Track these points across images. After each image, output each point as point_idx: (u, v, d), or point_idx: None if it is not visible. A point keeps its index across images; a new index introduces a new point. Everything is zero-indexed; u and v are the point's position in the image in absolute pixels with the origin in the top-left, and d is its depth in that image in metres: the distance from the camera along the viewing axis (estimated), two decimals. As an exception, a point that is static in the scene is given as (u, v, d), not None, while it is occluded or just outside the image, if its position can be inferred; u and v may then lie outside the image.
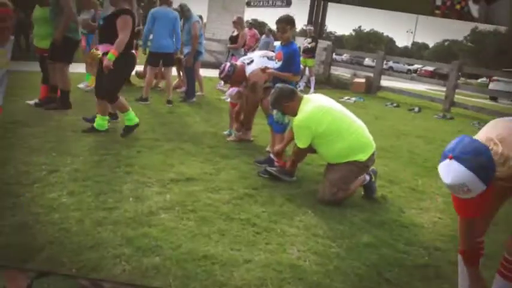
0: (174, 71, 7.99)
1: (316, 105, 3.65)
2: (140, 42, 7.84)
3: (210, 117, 6.39)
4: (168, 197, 3.20)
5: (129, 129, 4.80)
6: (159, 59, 7.01)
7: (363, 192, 3.80)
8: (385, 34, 51.33)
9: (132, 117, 4.82)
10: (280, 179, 3.86)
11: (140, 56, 7.09)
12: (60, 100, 5.84)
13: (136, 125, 4.84)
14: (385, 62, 14.61)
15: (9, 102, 5.84)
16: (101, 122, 4.84)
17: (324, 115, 3.60)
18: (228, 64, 4.71)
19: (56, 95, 5.89)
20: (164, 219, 2.84)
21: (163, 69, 7.40)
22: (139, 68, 7.04)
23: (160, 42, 6.86)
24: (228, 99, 7.63)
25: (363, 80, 13.03)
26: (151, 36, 7.02)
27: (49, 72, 5.89)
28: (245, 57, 4.84)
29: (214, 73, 11.41)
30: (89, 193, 3.11)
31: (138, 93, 7.19)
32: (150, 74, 7.13)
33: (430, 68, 28.10)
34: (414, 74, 27.20)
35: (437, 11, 3.56)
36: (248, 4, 18.06)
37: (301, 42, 11.53)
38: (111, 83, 4.67)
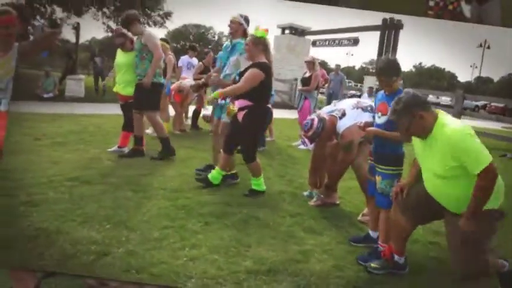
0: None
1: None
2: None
3: (284, 171, 5.60)
4: (246, 306, 2.39)
5: (253, 193, 4.40)
6: None
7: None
8: (446, 69, 49.03)
9: (260, 183, 4.46)
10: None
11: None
12: (163, 148, 5.51)
13: (262, 192, 4.43)
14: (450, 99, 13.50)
15: (73, 152, 5.42)
16: (217, 175, 4.49)
17: None
18: (317, 119, 3.85)
19: (141, 146, 5.55)
20: None
21: None
22: (207, 111, 6.45)
23: None
24: (305, 146, 6.82)
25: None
26: None
27: (134, 123, 5.52)
28: (334, 108, 3.96)
29: (280, 114, 10.86)
30: (143, 298, 2.38)
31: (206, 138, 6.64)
32: None
33: (501, 104, 26.07)
34: (482, 111, 25.38)
35: (430, 12, 3.63)
36: (314, 44, 17.64)
37: (373, 83, 10.87)
38: (247, 139, 4.39)
